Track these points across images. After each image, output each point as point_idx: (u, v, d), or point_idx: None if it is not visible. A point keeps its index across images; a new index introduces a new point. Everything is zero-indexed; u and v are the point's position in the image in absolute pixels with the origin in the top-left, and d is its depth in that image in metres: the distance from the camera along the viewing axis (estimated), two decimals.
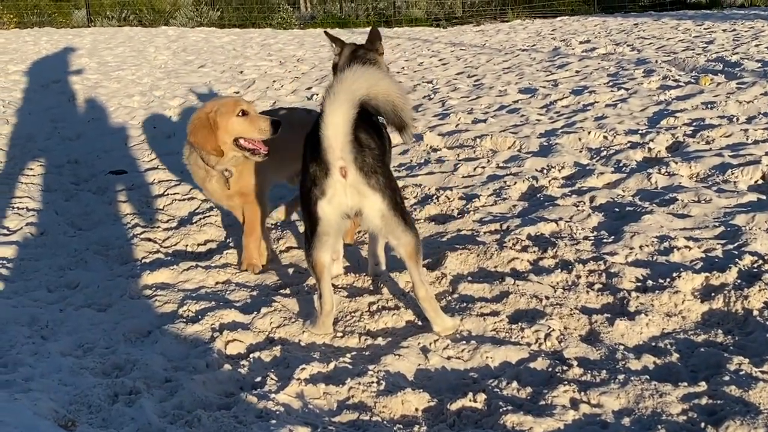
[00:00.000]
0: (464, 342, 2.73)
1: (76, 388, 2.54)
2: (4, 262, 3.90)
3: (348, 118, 2.54)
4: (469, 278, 3.26)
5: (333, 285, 3.29)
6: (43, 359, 2.78)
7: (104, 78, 9.79)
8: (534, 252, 3.47)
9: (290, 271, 3.64)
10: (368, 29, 3.35)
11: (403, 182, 4.71)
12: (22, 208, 4.73)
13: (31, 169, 5.77)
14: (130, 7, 20.03)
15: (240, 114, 3.40)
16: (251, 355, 2.76)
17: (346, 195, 2.66)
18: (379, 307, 3.09)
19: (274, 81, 9.23)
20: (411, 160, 5.26)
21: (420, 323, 2.95)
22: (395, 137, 3.13)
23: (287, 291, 3.35)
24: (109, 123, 7.38)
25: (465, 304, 3.03)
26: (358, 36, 14.37)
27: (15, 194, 5.07)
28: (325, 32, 3.42)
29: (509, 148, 5.38)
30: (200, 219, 4.38)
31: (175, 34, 15.65)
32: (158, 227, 4.34)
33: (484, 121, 6.18)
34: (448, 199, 4.32)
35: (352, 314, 3.06)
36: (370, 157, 2.66)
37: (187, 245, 4.07)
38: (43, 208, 4.78)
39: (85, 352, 2.86)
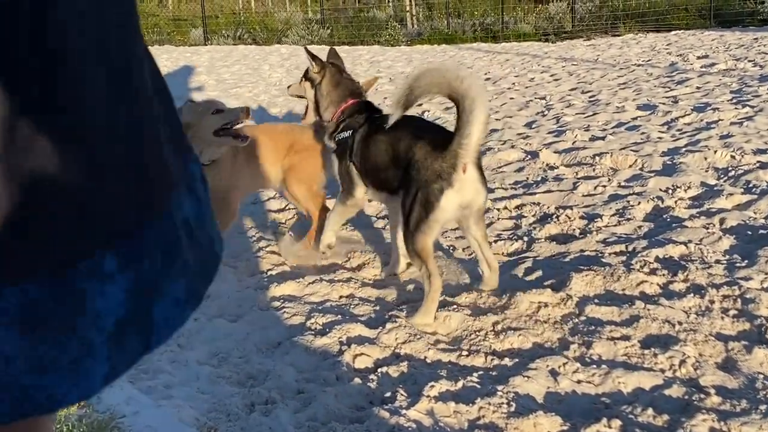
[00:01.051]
0: (595, 366, 2.69)
1: (213, 396, 2.65)
2: None
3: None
4: (596, 301, 3.20)
5: (456, 303, 3.33)
6: (182, 367, 2.91)
7: (223, 94, 10.16)
8: (663, 275, 3.38)
9: (410, 287, 3.68)
10: (474, 45, 4.22)
11: (520, 200, 4.68)
12: None
13: None
14: (245, 26, 20.73)
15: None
16: (379, 370, 2.80)
17: (467, 189, 3.06)
18: (504, 327, 3.08)
19: (385, 98, 9.35)
20: (527, 178, 5.22)
21: (547, 345, 2.92)
22: None
23: (410, 307, 3.38)
24: None
25: (593, 327, 2.98)
26: (464, 51, 14.39)
27: None
28: (305, 48, 3.89)
29: (630, 166, 5.26)
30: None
31: (287, 51, 16.10)
32: (282, 241, 4.47)
33: (603, 138, 6.07)
34: (569, 218, 4.26)
35: (477, 333, 3.06)
36: (480, 157, 3.13)
37: None
38: None
39: (220, 362, 2.98)
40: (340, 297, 3.58)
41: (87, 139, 0.50)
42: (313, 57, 3.71)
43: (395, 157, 3.24)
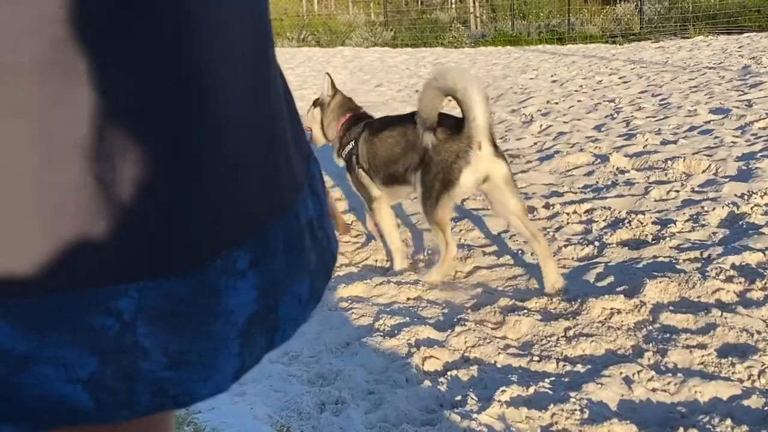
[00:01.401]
0: (670, 374, 2.63)
1: (285, 394, 2.68)
2: None
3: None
4: (671, 308, 3.14)
5: (526, 308, 3.30)
6: None
7: None
8: (740, 283, 3.29)
9: (479, 291, 3.66)
10: (540, 46, 4.69)
11: (590, 204, 4.61)
12: None
13: None
14: (309, 29, 20.96)
15: None
16: (448, 373, 2.80)
17: (483, 163, 3.35)
18: (576, 332, 3.04)
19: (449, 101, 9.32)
20: (597, 182, 5.14)
21: (620, 352, 2.87)
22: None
23: (478, 311, 3.36)
24: None
25: (668, 335, 2.92)
26: (530, 53, 14.26)
27: None
28: (327, 74, 4.31)
29: (704, 171, 5.14)
30: None
31: (351, 54, 16.21)
32: (347, 242, 4.50)
33: (675, 142, 5.94)
34: (641, 223, 4.18)
35: (548, 339, 3.03)
36: (493, 134, 3.40)
37: (376, 260, 4.19)
38: None
39: (291, 360, 3.01)
40: (408, 299, 3.58)
41: (226, 140, 0.52)
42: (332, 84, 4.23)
43: (411, 145, 3.56)
